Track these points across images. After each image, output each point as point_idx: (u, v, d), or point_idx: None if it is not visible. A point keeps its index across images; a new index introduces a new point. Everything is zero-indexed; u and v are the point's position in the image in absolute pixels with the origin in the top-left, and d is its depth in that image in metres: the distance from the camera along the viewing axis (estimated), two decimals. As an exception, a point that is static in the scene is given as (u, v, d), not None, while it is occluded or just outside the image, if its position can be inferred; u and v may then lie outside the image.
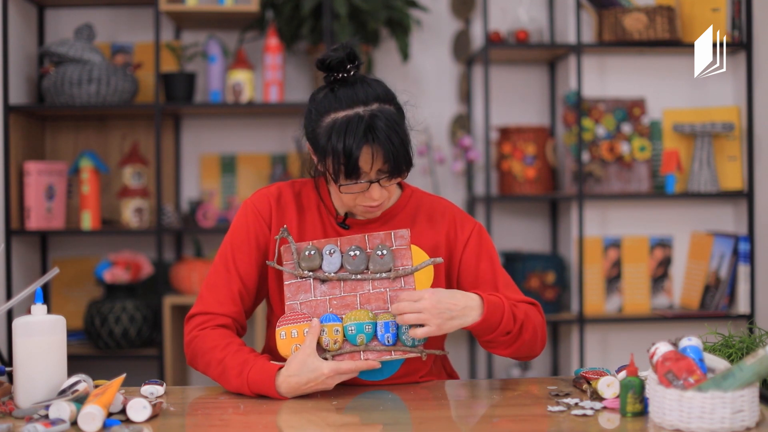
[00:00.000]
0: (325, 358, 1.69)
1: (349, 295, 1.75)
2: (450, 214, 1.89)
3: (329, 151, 1.70)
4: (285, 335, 1.72)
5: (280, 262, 1.79)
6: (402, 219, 1.86)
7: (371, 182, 1.72)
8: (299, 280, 1.75)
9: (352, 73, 1.75)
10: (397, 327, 1.71)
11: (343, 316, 1.72)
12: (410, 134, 1.78)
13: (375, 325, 1.72)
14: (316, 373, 1.65)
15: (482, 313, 1.70)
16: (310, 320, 1.71)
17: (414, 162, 1.78)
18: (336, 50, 1.75)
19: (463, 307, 1.70)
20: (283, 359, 1.71)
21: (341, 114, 1.71)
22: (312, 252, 1.75)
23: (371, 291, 1.75)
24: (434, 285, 1.82)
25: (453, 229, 1.87)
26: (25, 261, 3.30)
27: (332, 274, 1.75)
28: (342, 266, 1.76)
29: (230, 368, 1.71)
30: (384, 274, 1.75)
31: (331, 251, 1.76)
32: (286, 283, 1.76)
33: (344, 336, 1.71)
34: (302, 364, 1.66)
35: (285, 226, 1.78)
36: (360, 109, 1.71)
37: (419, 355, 1.72)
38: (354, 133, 1.68)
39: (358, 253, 1.75)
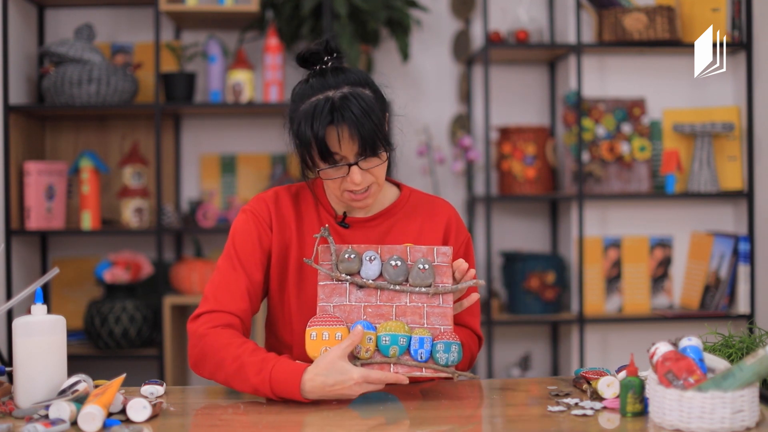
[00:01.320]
0: (354, 365, 1.64)
1: (385, 304, 1.70)
2: (446, 216, 1.89)
3: (300, 138, 1.72)
4: (316, 336, 1.67)
5: (316, 262, 1.74)
6: (400, 219, 1.87)
7: (350, 165, 1.72)
8: (335, 282, 1.71)
9: (330, 64, 1.77)
10: (432, 344, 1.66)
11: (378, 326, 1.68)
12: (392, 117, 1.79)
13: (410, 338, 1.66)
14: (345, 376, 1.60)
15: None
16: (343, 324, 1.67)
17: (393, 142, 1.78)
18: (314, 44, 1.78)
19: None
20: (308, 360, 1.67)
21: (312, 99, 1.72)
22: (352, 256, 1.71)
23: (408, 304, 1.70)
24: None
25: (448, 232, 1.88)
26: (25, 261, 3.30)
27: (370, 281, 1.70)
28: (381, 275, 1.71)
29: (249, 365, 1.65)
30: (423, 289, 1.70)
31: (372, 258, 1.71)
32: (320, 283, 1.71)
33: (377, 346, 1.66)
34: (332, 364, 1.61)
35: (326, 225, 1.74)
36: (330, 93, 1.72)
37: (451, 375, 1.67)
38: (320, 115, 1.69)
39: (399, 263, 1.70)
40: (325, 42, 1.77)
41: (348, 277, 1.71)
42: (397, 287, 1.70)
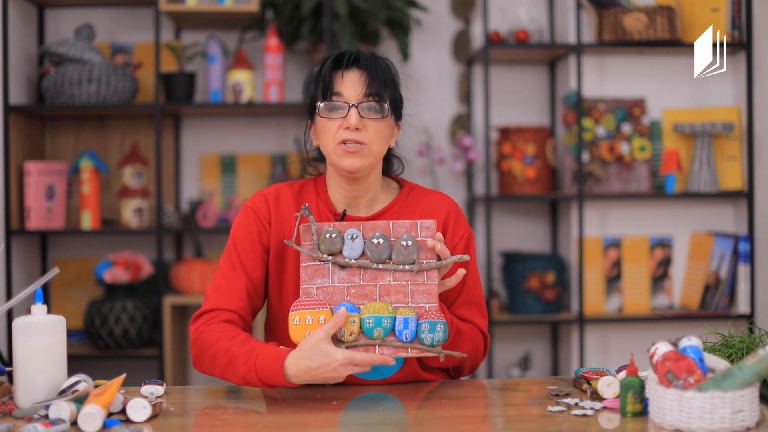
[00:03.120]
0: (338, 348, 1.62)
1: (368, 284, 1.67)
2: (445, 210, 1.89)
3: (310, 85, 1.80)
4: (299, 321, 1.64)
5: (297, 243, 1.72)
6: (400, 215, 1.86)
7: (350, 106, 1.75)
8: (317, 263, 1.68)
9: None
10: (417, 324, 1.64)
11: (361, 307, 1.65)
12: (404, 91, 1.86)
13: (394, 319, 1.64)
14: (329, 358, 1.58)
15: None
16: (326, 307, 1.65)
17: (404, 103, 1.84)
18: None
19: None
20: (293, 346, 1.65)
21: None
22: (333, 235, 1.67)
23: (392, 283, 1.67)
24: None
25: (447, 226, 1.87)
26: (25, 261, 3.30)
27: (353, 261, 1.67)
28: (363, 253, 1.68)
29: (237, 356, 1.66)
30: (407, 266, 1.66)
31: (354, 236, 1.68)
32: (303, 264, 1.68)
33: (360, 328, 1.64)
34: (315, 347, 1.59)
35: (306, 204, 1.73)
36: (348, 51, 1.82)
37: (437, 355, 1.65)
38: (333, 61, 1.78)
39: (381, 241, 1.67)
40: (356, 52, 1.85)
41: (330, 257, 1.67)
42: (381, 266, 1.67)
